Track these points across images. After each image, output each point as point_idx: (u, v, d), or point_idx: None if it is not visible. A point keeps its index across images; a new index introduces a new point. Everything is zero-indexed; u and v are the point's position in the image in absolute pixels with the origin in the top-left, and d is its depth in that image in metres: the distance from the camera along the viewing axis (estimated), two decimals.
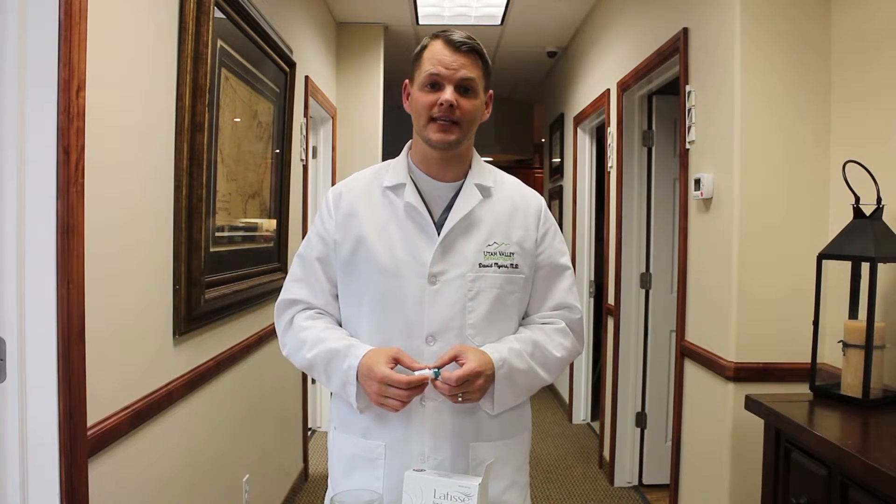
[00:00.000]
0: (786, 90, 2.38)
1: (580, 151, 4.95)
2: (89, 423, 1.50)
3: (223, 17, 2.28)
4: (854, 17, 2.25)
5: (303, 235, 3.68)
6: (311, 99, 3.86)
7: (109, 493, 1.62)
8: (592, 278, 5.04)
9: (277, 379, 3.27)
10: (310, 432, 4.39)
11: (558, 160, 5.83)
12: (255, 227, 2.84)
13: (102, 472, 1.58)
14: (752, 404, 2.04)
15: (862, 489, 1.53)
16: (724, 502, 2.45)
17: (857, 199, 2.01)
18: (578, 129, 4.92)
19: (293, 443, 3.67)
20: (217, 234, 2.32)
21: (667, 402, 3.65)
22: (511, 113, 7.79)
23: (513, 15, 4.69)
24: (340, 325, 1.51)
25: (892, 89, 2.06)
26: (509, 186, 1.54)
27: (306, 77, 3.75)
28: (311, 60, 3.95)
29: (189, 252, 2.03)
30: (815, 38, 2.37)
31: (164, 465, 1.94)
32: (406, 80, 1.48)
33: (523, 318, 1.52)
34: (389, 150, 3.90)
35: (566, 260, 1.54)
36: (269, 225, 3.06)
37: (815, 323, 2.09)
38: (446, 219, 1.44)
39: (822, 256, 2.06)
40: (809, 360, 2.12)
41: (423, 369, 1.33)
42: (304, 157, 3.78)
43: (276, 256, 3.14)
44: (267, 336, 2.98)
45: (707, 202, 2.64)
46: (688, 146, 2.82)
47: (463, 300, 1.41)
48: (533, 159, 9.19)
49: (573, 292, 1.54)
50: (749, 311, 2.40)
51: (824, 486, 1.69)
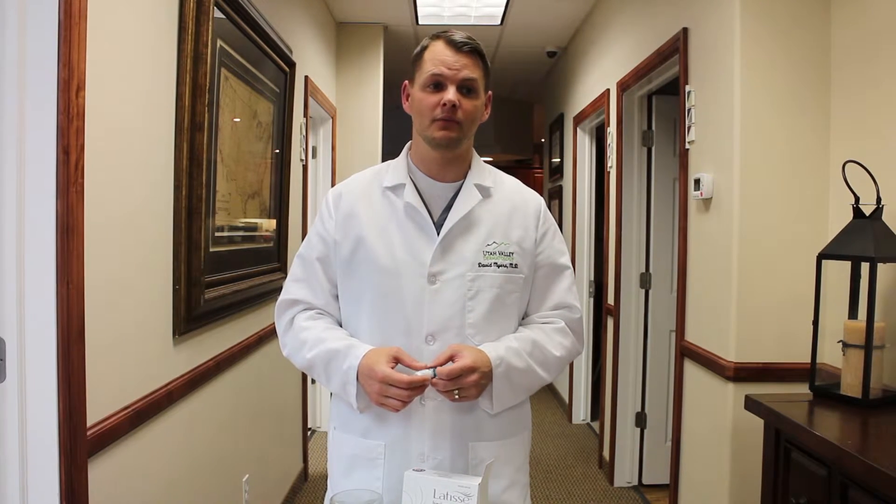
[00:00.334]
0: (786, 90, 2.39)
1: (580, 151, 4.95)
2: (89, 423, 1.50)
3: (223, 17, 2.28)
4: (854, 17, 2.25)
5: (303, 235, 3.68)
6: (310, 99, 3.86)
7: (109, 493, 1.62)
8: (592, 278, 5.04)
9: (277, 379, 3.27)
10: (310, 432, 4.39)
11: (558, 160, 5.83)
12: (254, 227, 2.84)
13: (102, 472, 1.58)
14: (751, 404, 2.04)
15: (862, 489, 1.53)
16: (724, 502, 2.45)
17: (857, 199, 2.02)
18: (578, 129, 4.92)
19: (293, 443, 3.67)
20: (217, 234, 2.32)
21: (667, 402, 3.65)
22: (511, 113, 7.80)
23: (513, 15, 4.69)
24: (341, 326, 1.52)
25: (893, 89, 2.06)
26: (509, 187, 1.54)
27: (306, 77, 3.75)
28: (311, 60, 3.95)
29: (189, 252, 2.03)
30: (814, 37, 2.37)
31: (164, 465, 1.94)
32: (405, 81, 1.48)
33: (523, 317, 1.52)
34: (389, 150, 3.90)
35: (566, 260, 1.54)
36: (269, 225, 3.06)
37: (815, 323, 2.09)
38: (446, 219, 1.44)
39: (821, 256, 2.06)
40: (809, 360, 2.12)
41: (424, 369, 1.33)
42: (303, 157, 3.78)
43: (275, 256, 3.14)
44: (267, 336, 2.98)
45: (707, 202, 2.64)
46: (688, 146, 2.82)
47: (462, 300, 1.42)
48: (533, 159, 9.19)
49: (573, 292, 1.54)
50: (749, 311, 2.40)
51: (824, 486, 1.69)
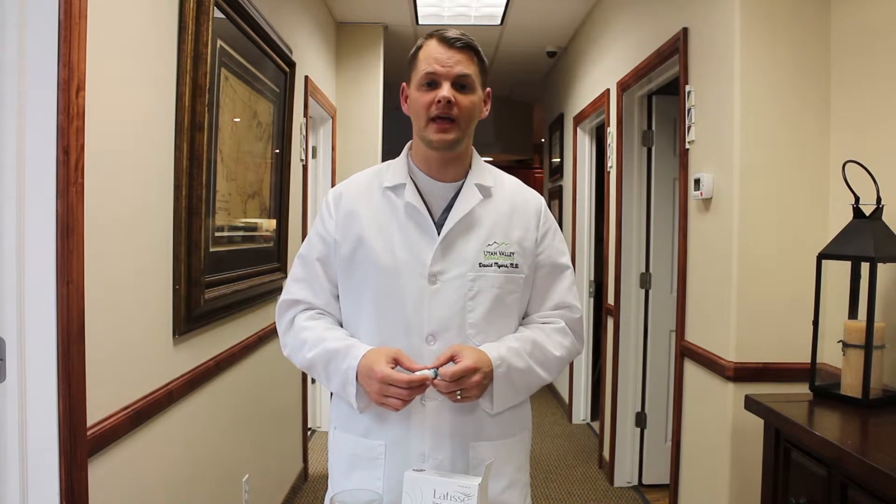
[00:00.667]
0: (786, 90, 2.39)
1: (580, 151, 4.95)
2: (89, 423, 1.50)
3: (223, 17, 2.28)
4: (853, 18, 2.25)
5: (303, 235, 3.68)
6: (310, 99, 3.86)
7: (109, 493, 1.62)
8: (592, 278, 5.04)
9: (277, 379, 3.27)
10: (310, 432, 4.39)
11: (558, 160, 5.83)
12: (254, 227, 2.84)
13: (102, 472, 1.58)
14: (751, 404, 2.04)
15: (861, 489, 1.53)
16: (724, 502, 2.45)
17: (857, 198, 2.02)
18: (578, 129, 4.92)
19: (293, 443, 3.67)
20: (217, 234, 2.32)
21: (667, 402, 3.65)
22: (511, 113, 7.80)
23: (512, 15, 4.69)
24: (341, 326, 1.52)
25: (893, 89, 2.06)
26: (509, 186, 1.54)
27: (306, 77, 3.75)
28: (311, 60, 3.95)
29: (189, 252, 2.03)
30: (814, 38, 2.37)
31: (164, 465, 1.94)
32: (403, 83, 1.48)
33: (523, 317, 1.52)
34: (389, 150, 3.90)
35: (566, 259, 1.54)
36: (269, 225, 3.06)
37: (815, 323, 2.09)
38: (446, 219, 1.44)
39: (821, 256, 2.06)
40: (809, 360, 2.12)
41: (423, 369, 1.33)
42: (303, 157, 3.78)
43: (275, 256, 3.14)
44: (267, 336, 2.98)
45: (707, 202, 2.64)
46: (687, 146, 2.82)
47: (463, 300, 1.41)
48: (533, 159, 9.20)
49: (573, 292, 1.54)
50: (749, 311, 2.40)
51: (824, 486, 1.69)
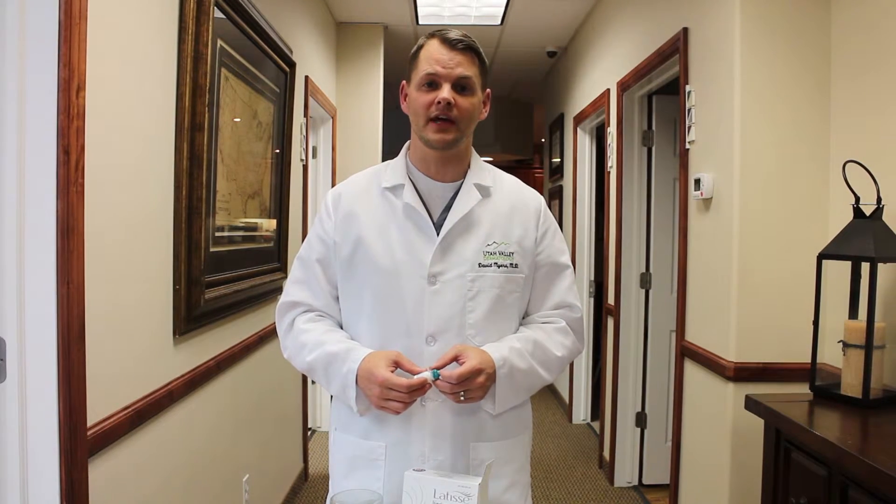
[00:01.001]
0: (786, 90, 2.39)
1: (580, 151, 4.95)
2: (89, 423, 1.50)
3: (223, 17, 2.28)
4: (854, 15, 2.25)
5: (303, 235, 3.68)
6: (311, 99, 3.86)
7: (109, 493, 1.62)
8: (592, 278, 5.04)
9: (277, 379, 3.27)
10: (310, 432, 4.39)
11: (558, 160, 5.83)
12: (255, 227, 2.84)
13: (102, 472, 1.58)
14: (752, 404, 2.04)
15: (862, 489, 1.53)
16: (724, 502, 2.45)
17: (857, 198, 2.01)
18: (578, 128, 4.92)
19: (293, 443, 3.67)
20: (217, 234, 2.32)
21: (667, 402, 3.65)
22: (511, 113, 7.79)
23: (513, 15, 4.69)
24: (341, 327, 1.52)
25: (893, 89, 2.06)
26: (509, 186, 1.54)
27: (306, 77, 3.75)
28: (311, 60, 3.95)
29: (189, 252, 2.03)
30: (814, 36, 2.37)
31: (165, 464, 1.94)
32: (403, 82, 1.48)
33: (523, 317, 1.52)
34: (389, 150, 3.90)
35: (566, 259, 1.54)
36: (269, 225, 3.06)
37: (815, 323, 2.09)
38: (445, 219, 1.44)
39: (822, 256, 2.06)
40: (809, 360, 2.12)
41: (423, 372, 1.33)
42: (304, 157, 3.78)
43: (276, 256, 3.14)
44: (267, 336, 2.98)
45: (707, 202, 2.64)
46: (688, 146, 2.82)
47: (463, 300, 1.41)
48: (533, 159, 9.20)
49: (573, 291, 1.54)
50: (749, 311, 2.40)
51: (824, 486, 1.69)
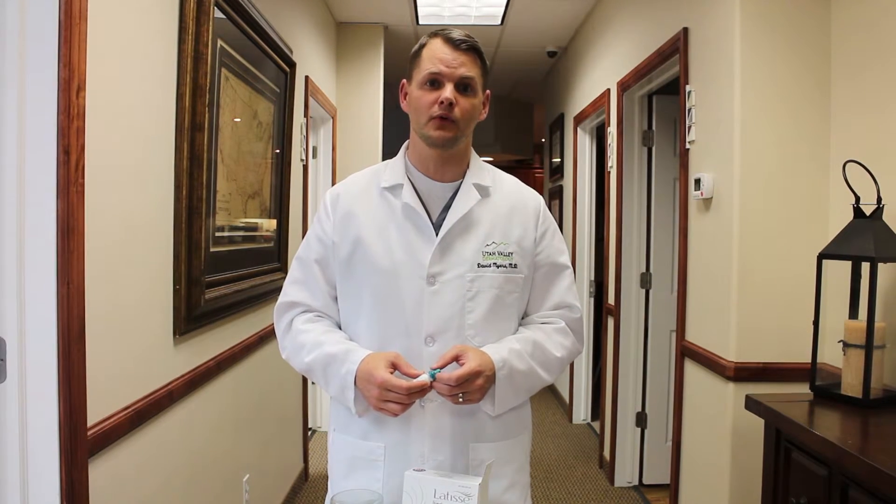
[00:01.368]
0: (786, 89, 2.38)
1: (580, 151, 4.95)
2: (89, 423, 1.50)
3: (223, 17, 2.28)
4: (854, 15, 2.25)
5: (303, 235, 3.68)
6: (311, 99, 3.86)
7: (109, 493, 1.62)
8: (592, 278, 5.04)
9: (277, 379, 3.27)
10: (310, 432, 4.39)
11: (558, 160, 5.83)
12: (255, 227, 2.84)
13: (102, 473, 1.58)
14: (752, 404, 2.04)
15: (862, 489, 1.53)
16: (724, 502, 2.45)
17: (858, 198, 2.01)
18: (578, 128, 4.92)
19: (293, 443, 3.67)
20: (217, 234, 2.32)
21: (667, 402, 3.65)
22: (511, 113, 7.80)
23: (513, 15, 4.69)
24: (340, 327, 1.51)
25: (893, 88, 2.06)
26: (508, 186, 1.53)
27: (306, 77, 3.75)
28: (311, 60, 3.95)
29: (189, 252, 2.03)
30: (814, 36, 2.37)
31: (165, 464, 1.94)
32: (403, 80, 1.48)
33: (523, 317, 1.52)
34: (389, 150, 3.90)
35: (565, 259, 1.54)
36: (269, 225, 3.06)
37: (816, 323, 2.08)
38: (445, 219, 1.43)
39: (822, 256, 2.06)
40: (809, 360, 2.12)
41: (422, 374, 1.32)
42: (304, 157, 3.78)
43: (276, 256, 3.14)
44: (267, 336, 2.98)
45: (707, 202, 2.64)
46: (688, 146, 2.82)
47: (462, 300, 1.41)
48: (533, 159, 9.20)
49: (572, 291, 1.54)
50: (749, 311, 2.40)
51: (824, 485, 1.69)
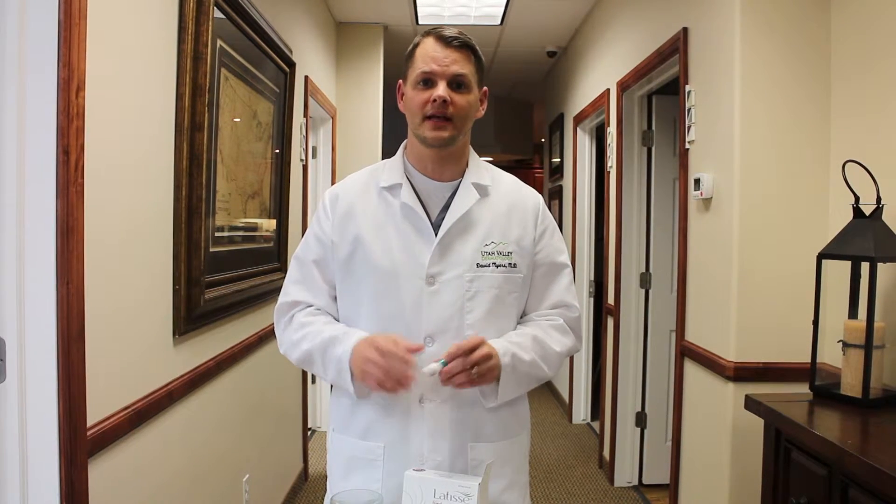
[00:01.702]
0: (786, 89, 2.38)
1: (580, 151, 4.95)
2: (89, 423, 1.50)
3: (223, 17, 2.28)
4: (854, 15, 2.25)
5: (303, 235, 3.68)
6: (310, 99, 3.86)
7: (109, 493, 1.62)
8: (592, 278, 5.04)
9: (277, 379, 3.27)
10: (310, 432, 4.39)
11: (558, 160, 5.83)
12: (254, 227, 2.84)
13: (102, 473, 1.58)
14: (751, 404, 2.04)
15: (862, 489, 1.53)
16: (724, 502, 2.45)
17: (857, 198, 2.01)
18: (578, 128, 4.93)
19: (293, 443, 3.67)
20: (217, 234, 2.32)
21: (667, 402, 3.65)
22: (511, 113, 7.80)
23: (512, 15, 4.69)
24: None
25: (893, 88, 2.06)
26: (507, 185, 1.53)
27: (306, 77, 3.75)
28: (311, 60, 3.95)
29: (189, 252, 2.03)
30: (814, 36, 2.37)
31: (165, 465, 1.94)
32: (399, 81, 1.48)
33: (522, 316, 1.52)
34: (389, 150, 3.89)
35: (564, 258, 1.54)
36: (269, 225, 3.06)
37: (815, 322, 2.09)
38: (443, 219, 1.43)
39: (821, 256, 2.06)
40: (809, 360, 2.12)
41: (432, 364, 1.30)
42: (303, 157, 3.78)
43: (275, 256, 3.14)
44: (267, 336, 2.98)
45: (707, 202, 2.64)
46: (687, 146, 2.82)
47: (461, 300, 1.41)
48: (533, 159, 9.20)
49: (571, 291, 1.54)
50: (749, 311, 2.40)
51: (824, 485, 1.69)
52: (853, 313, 2.02)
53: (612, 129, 3.99)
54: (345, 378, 1.38)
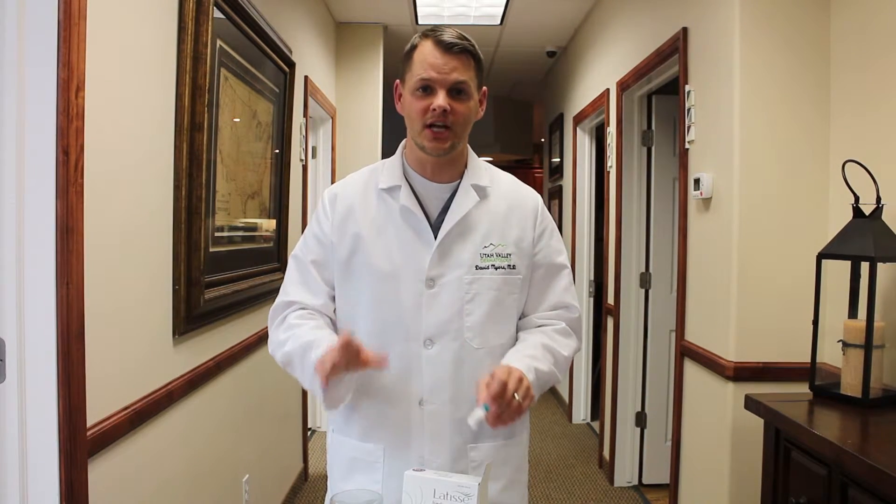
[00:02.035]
0: (785, 89, 2.38)
1: (580, 151, 4.95)
2: (89, 424, 1.50)
3: (222, 17, 2.28)
4: (853, 15, 2.25)
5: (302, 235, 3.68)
6: (310, 99, 3.86)
7: (109, 493, 1.62)
8: (592, 278, 5.04)
9: (277, 379, 3.26)
10: (310, 432, 4.39)
11: (558, 160, 5.83)
12: (254, 228, 2.84)
13: (102, 473, 1.58)
14: (751, 404, 2.04)
15: (862, 489, 1.53)
16: (724, 502, 2.45)
17: (857, 198, 2.01)
18: (578, 128, 4.92)
19: (293, 443, 3.67)
20: (216, 234, 2.32)
21: (667, 402, 3.65)
22: (511, 113, 7.79)
23: (512, 15, 4.69)
24: (335, 326, 1.50)
25: (892, 88, 2.06)
26: (505, 185, 1.52)
27: (306, 77, 3.75)
28: (311, 60, 3.95)
29: (188, 252, 2.03)
30: (814, 36, 2.37)
31: (164, 465, 1.94)
32: (397, 81, 1.46)
33: (521, 317, 1.51)
34: (389, 150, 3.89)
35: (563, 259, 1.53)
36: (269, 225, 3.06)
37: (815, 322, 2.09)
38: (443, 221, 1.42)
39: (821, 256, 2.06)
40: (809, 360, 2.12)
41: (476, 410, 1.26)
42: (303, 157, 3.78)
43: (275, 256, 3.14)
44: (266, 336, 2.97)
45: (707, 202, 2.64)
46: (687, 146, 2.82)
47: (460, 303, 1.41)
48: (533, 159, 9.20)
49: (571, 291, 1.53)
50: (749, 311, 2.40)
51: (824, 485, 1.69)
52: (853, 313, 2.03)
53: (611, 129, 3.99)
54: (315, 385, 1.32)
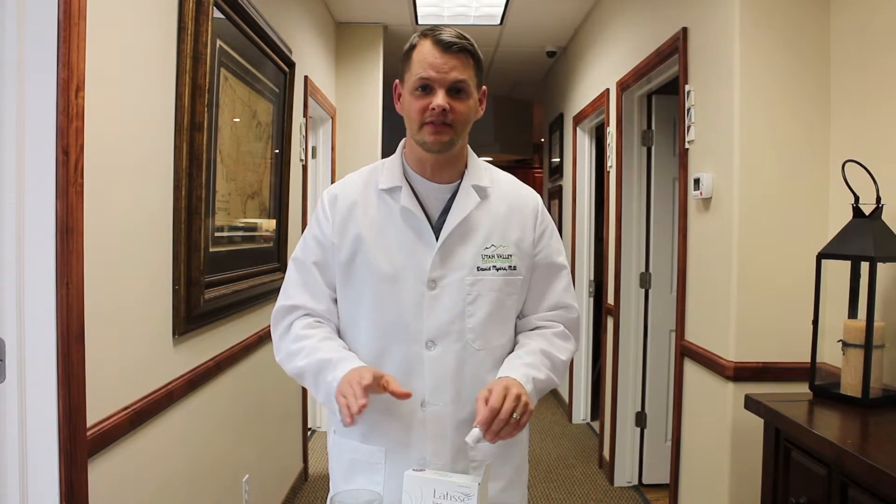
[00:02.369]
0: (785, 89, 2.38)
1: (580, 151, 4.95)
2: (89, 424, 1.50)
3: (222, 17, 2.28)
4: (853, 15, 2.25)
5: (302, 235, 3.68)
6: (310, 99, 3.86)
7: (109, 493, 1.62)
8: (592, 278, 5.04)
9: (277, 379, 3.26)
10: (310, 432, 4.39)
11: (558, 160, 5.83)
12: (254, 228, 2.84)
13: (102, 473, 1.58)
14: (751, 404, 2.04)
15: (862, 489, 1.53)
16: (724, 502, 2.45)
17: (857, 198, 2.01)
18: (578, 128, 4.92)
19: (293, 443, 3.67)
20: (216, 234, 2.32)
21: (666, 402, 3.65)
22: (510, 113, 7.79)
23: (512, 15, 4.69)
24: (339, 331, 1.50)
25: (892, 88, 2.06)
26: (506, 186, 1.52)
27: (306, 77, 3.75)
28: (311, 60, 3.95)
29: (188, 252, 2.03)
30: (814, 36, 2.37)
31: (164, 465, 1.94)
32: (396, 81, 1.46)
33: (520, 317, 1.51)
34: (389, 150, 3.89)
35: (563, 259, 1.53)
36: (269, 225, 3.06)
37: (815, 322, 2.09)
38: (444, 222, 1.42)
39: (821, 256, 2.06)
40: (809, 360, 2.12)
41: (472, 430, 1.26)
42: (303, 157, 3.78)
43: (275, 256, 3.14)
44: (267, 336, 2.97)
45: (706, 202, 2.64)
46: (687, 146, 2.82)
47: (462, 304, 1.41)
48: (532, 159, 9.20)
49: (570, 291, 1.53)
50: (748, 311, 2.40)
51: (824, 485, 1.69)
52: (853, 313, 2.03)
53: (611, 129, 3.99)
54: (332, 406, 1.35)
